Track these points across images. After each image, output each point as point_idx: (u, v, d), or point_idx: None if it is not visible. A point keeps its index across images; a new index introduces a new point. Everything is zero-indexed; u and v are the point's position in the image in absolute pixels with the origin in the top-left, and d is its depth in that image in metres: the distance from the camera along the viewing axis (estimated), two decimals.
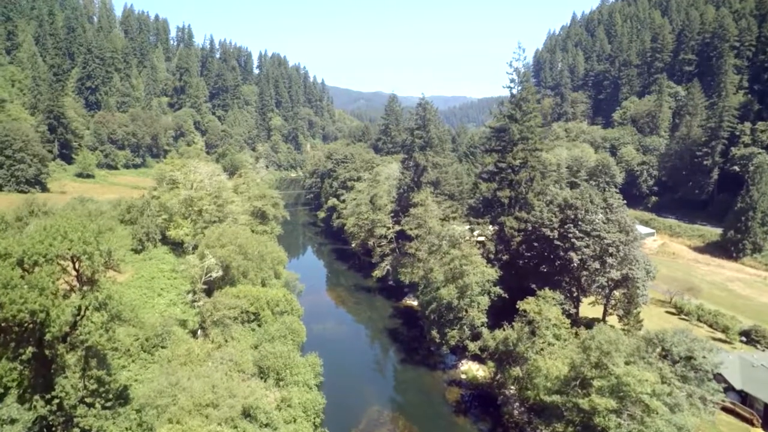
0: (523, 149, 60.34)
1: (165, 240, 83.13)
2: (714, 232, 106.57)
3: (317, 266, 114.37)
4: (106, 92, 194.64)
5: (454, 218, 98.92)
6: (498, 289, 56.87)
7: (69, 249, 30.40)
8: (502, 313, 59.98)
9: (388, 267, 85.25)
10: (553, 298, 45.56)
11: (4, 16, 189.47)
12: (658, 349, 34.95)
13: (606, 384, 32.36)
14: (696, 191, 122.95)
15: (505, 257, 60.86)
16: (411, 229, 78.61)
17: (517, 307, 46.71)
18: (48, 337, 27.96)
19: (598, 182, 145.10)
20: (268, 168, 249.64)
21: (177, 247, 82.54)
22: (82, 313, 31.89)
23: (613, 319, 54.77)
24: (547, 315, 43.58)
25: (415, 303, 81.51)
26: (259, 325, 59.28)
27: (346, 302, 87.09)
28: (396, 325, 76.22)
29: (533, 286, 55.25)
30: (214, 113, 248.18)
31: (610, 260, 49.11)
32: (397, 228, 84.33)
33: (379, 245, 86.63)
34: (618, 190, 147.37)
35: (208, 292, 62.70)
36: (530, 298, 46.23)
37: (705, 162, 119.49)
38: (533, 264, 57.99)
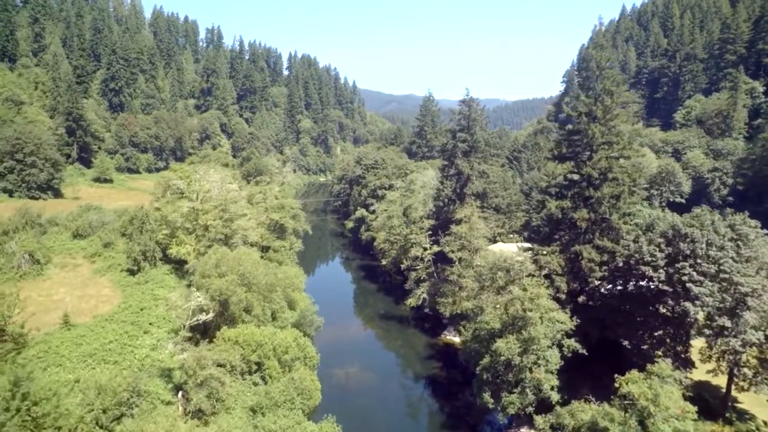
0: (607, 157, 45.89)
1: (168, 258, 72.26)
2: None
3: (343, 284, 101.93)
4: (130, 94, 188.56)
5: (501, 234, 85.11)
6: (574, 343, 42.74)
7: None
8: (576, 369, 45.90)
9: (424, 295, 71.78)
10: (674, 378, 31.17)
11: (32, 18, 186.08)
12: None
13: None
14: None
15: (580, 298, 46.50)
16: (452, 252, 65.08)
17: (617, 385, 32.49)
18: None
19: (661, 191, 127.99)
20: (296, 172, 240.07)
21: (180, 266, 71.55)
22: None
23: (748, 399, 39.60)
24: (666, 403, 29.34)
25: (456, 339, 67.91)
26: (263, 378, 46.98)
27: (375, 336, 74.10)
28: (434, 369, 62.75)
29: (624, 342, 40.86)
30: (241, 115, 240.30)
31: (747, 315, 34.42)
32: (436, 248, 70.81)
33: (414, 268, 73.22)
34: (684, 201, 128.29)
35: (204, 331, 50.99)
36: (635, 374, 32.02)
37: None
38: (621, 309, 43.53)
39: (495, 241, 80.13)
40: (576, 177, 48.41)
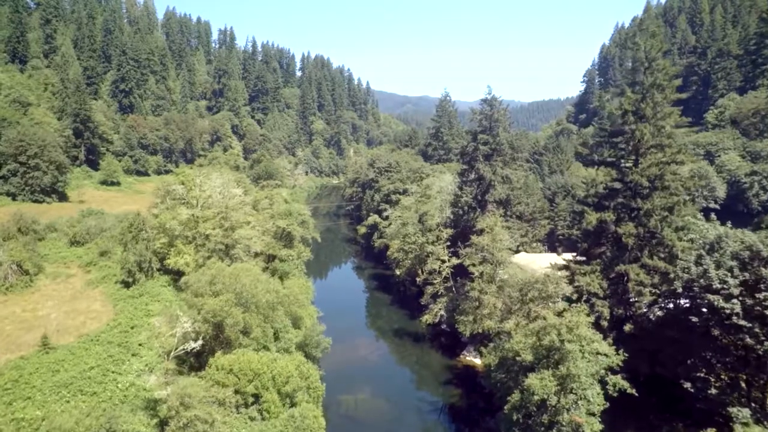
0: (658, 163, 39.51)
1: (166, 268, 67.34)
2: None
3: (354, 294, 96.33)
4: (140, 95, 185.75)
5: (524, 243, 78.95)
6: (621, 381, 36.43)
7: None
8: (616, 404, 39.52)
9: (441, 312, 65.77)
10: None
11: (44, 20, 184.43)
12: None
13: None
14: None
15: (626, 326, 40.08)
16: (474, 265, 58.91)
17: None
18: None
19: (693, 197, 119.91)
20: (308, 174, 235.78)
21: (179, 277, 66.45)
22: None
23: None
24: None
25: (477, 361, 61.70)
26: (260, 412, 41.43)
27: (387, 356, 68.25)
28: (453, 394, 56.67)
29: (686, 385, 34.33)
30: (253, 117, 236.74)
31: None
32: (455, 261, 64.77)
33: (431, 282, 67.26)
34: (719, 207, 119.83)
35: (197, 355, 45.67)
36: None
37: None
38: (676, 341, 37.05)
39: (518, 251, 74.00)
40: (618, 185, 42.17)
